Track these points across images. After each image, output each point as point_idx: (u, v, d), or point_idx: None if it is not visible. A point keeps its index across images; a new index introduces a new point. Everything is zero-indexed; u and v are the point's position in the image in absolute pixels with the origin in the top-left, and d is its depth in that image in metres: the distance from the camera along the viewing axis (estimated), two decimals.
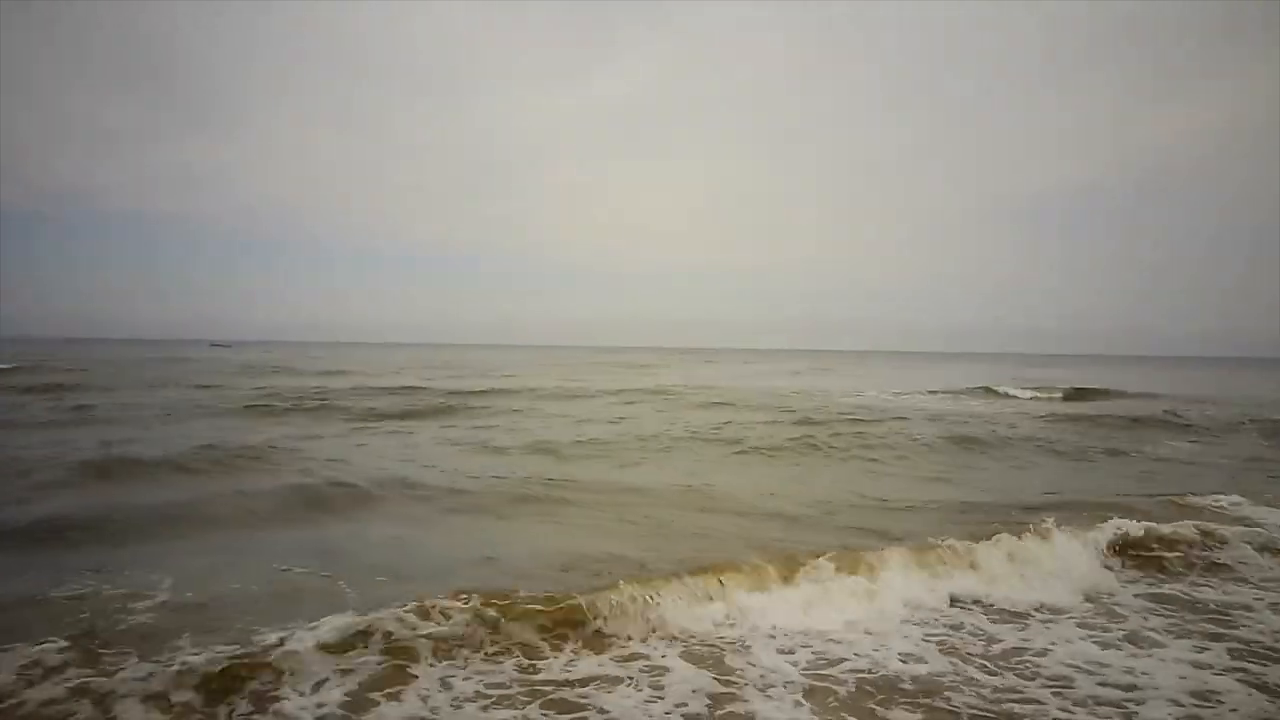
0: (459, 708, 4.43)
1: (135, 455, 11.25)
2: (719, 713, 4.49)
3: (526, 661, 5.01)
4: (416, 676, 4.70)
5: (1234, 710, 4.56)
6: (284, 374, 35.45)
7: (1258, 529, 8.48)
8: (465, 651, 4.98)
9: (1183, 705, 4.63)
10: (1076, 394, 31.75)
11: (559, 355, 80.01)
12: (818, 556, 6.64)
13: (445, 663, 4.86)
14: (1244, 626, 5.96)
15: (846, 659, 5.21)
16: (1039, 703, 4.67)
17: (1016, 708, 4.60)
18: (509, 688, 4.69)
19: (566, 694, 4.63)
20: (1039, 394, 31.48)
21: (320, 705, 4.30)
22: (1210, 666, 5.17)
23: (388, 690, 4.52)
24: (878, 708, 4.58)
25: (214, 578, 6.05)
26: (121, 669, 4.32)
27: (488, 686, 4.67)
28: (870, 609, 6.02)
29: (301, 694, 4.36)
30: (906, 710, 4.54)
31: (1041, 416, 21.49)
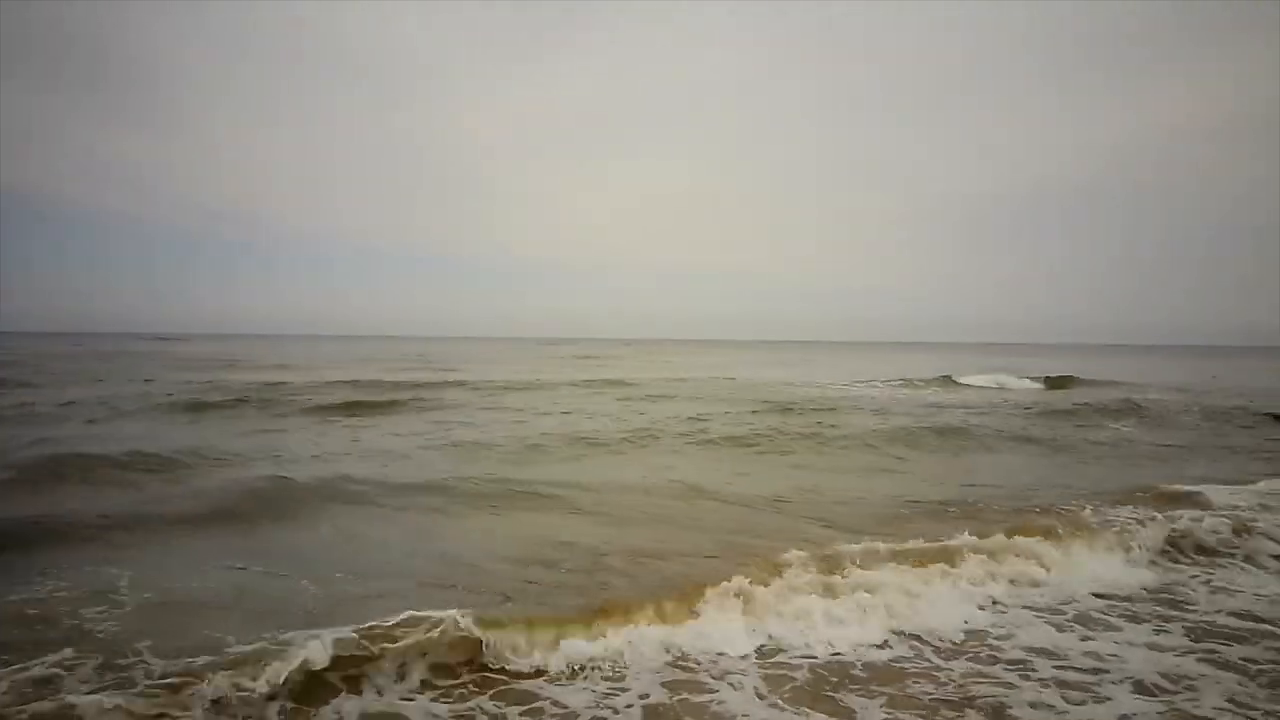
0: (411, 699, 4.33)
1: (81, 452, 10.85)
2: (678, 698, 4.45)
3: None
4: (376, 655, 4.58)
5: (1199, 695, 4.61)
6: (240, 369, 34.46)
7: (1198, 510, 8.66)
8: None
9: (1152, 687, 4.69)
10: (1040, 382, 32.11)
11: (539, 349, 78.59)
12: (783, 552, 6.63)
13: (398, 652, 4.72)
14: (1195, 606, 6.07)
15: (808, 647, 5.18)
16: (1010, 685, 4.70)
17: (974, 689, 4.62)
18: (459, 675, 4.60)
19: (522, 685, 4.55)
20: (1002, 383, 31.68)
21: (273, 698, 4.15)
22: (1172, 649, 5.25)
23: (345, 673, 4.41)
24: (836, 694, 4.57)
25: (171, 580, 5.83)
26: (77, 673, 4.17)
27: (439, 677, 4.57)
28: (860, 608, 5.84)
29: (255, 687, 4.17)
30: (863, 697, 4.55)
31: (995, 404, 21.86)
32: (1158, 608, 6.06)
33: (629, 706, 4.36)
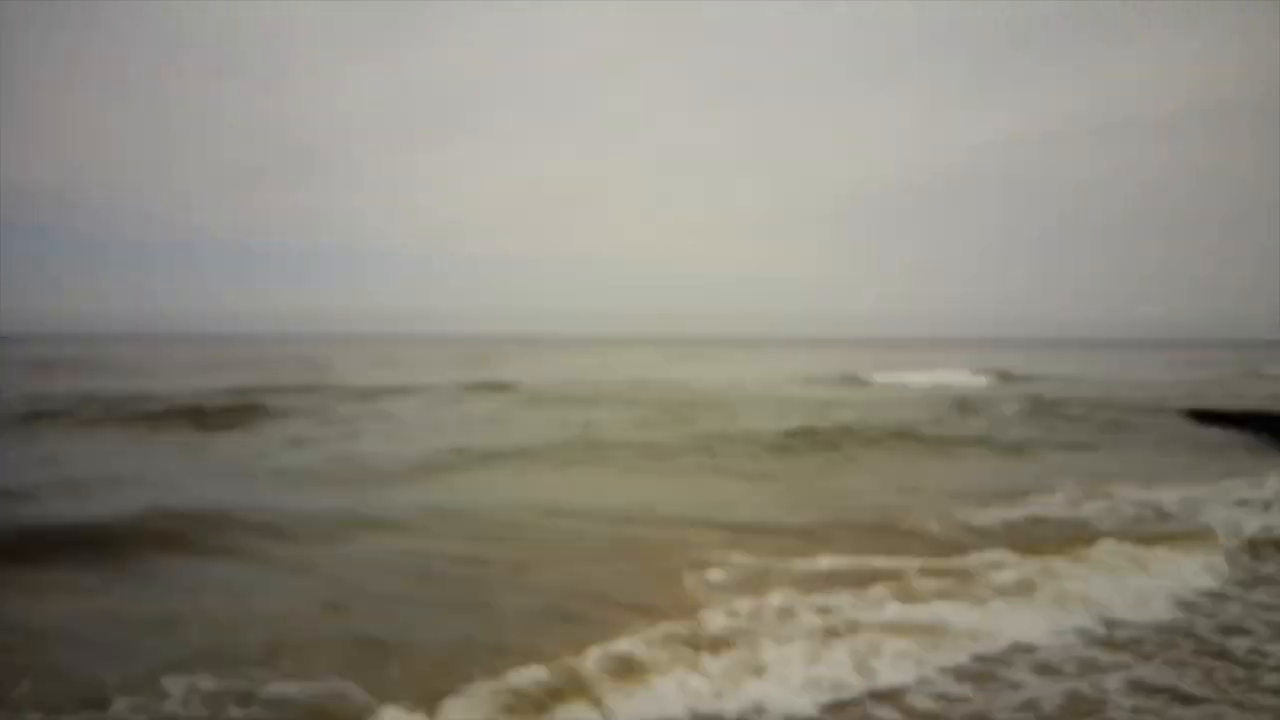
0: None
1: None
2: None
3: None
4: None
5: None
6: (74, 374, 30.04)
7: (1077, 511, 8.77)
8: None
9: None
10: (976, 377, 33.07)
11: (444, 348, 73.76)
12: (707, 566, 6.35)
13: None
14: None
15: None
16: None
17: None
18: None
19: None
20: (908, 382, 31.54)
21: None
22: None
23: None
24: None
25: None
26: None
27: None
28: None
29: None
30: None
31: (880, 401, 22.14)
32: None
33: None
